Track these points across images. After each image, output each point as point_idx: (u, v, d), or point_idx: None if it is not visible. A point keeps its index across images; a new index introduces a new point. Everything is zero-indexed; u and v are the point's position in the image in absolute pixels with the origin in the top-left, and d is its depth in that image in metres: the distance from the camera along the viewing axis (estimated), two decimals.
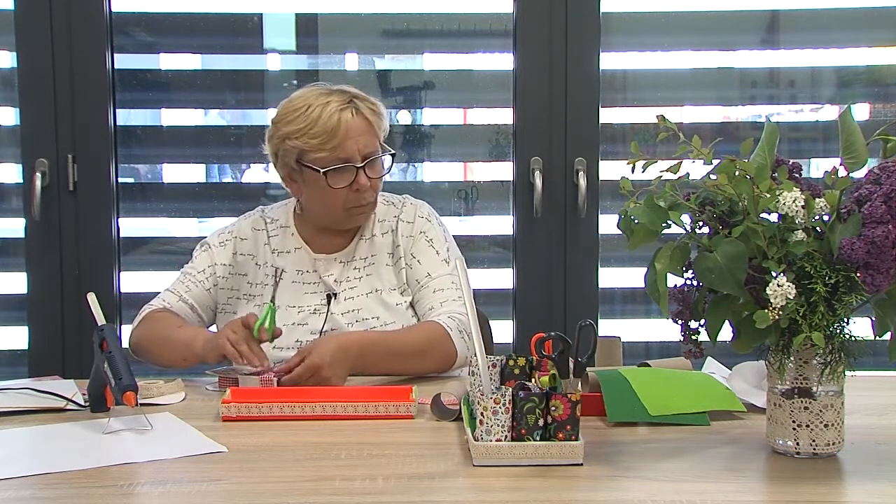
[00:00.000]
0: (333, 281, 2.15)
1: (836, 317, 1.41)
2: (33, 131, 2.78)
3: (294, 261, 2.18)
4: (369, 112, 2.08)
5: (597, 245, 2.86)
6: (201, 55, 3.00)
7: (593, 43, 2.82)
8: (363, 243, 2.18)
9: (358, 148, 2.06)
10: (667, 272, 1.46)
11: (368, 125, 2.07)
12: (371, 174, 2.08)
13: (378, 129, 2.10)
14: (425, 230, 2.19)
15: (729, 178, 1.42)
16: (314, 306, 2.13)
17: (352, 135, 2.05)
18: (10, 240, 2.91)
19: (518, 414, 1.46)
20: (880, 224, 1.35)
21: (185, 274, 2.21)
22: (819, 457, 1.47)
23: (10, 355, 2.94)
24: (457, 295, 2.13)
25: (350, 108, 2.06)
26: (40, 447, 1.61)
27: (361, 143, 2.06)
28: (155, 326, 2.12)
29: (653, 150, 1.54)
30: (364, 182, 2.06)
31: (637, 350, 2.89)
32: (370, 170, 2.08)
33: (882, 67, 2.99)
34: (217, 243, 2.22)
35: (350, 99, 2.08)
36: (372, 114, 2.09)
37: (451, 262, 2.17)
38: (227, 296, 2.20)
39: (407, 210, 2.21)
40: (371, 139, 2.08)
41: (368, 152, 2.07)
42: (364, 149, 2.07)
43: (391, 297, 2.14)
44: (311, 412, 1.71)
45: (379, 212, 2.21)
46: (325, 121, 2.04)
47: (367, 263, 2.17)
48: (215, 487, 1.39)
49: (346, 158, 2.05)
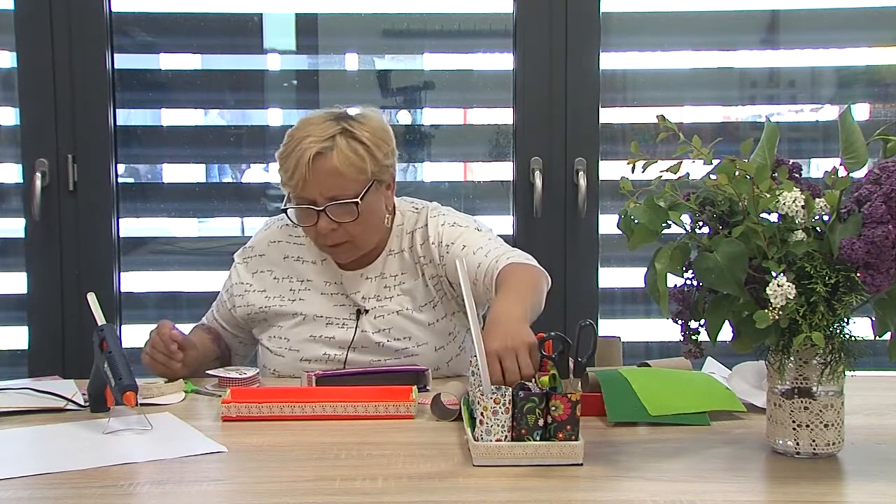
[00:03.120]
0: (361, 298, 2.09)
1: (836, 317, 1.41)
2: (33, 131, 2.78)
3: (321, 272, 2.13)
4: (347, 152, 1.96)
5: (597, 245, 2.86)
6: (201, 55, 2.99)
7: (593, 43, 2.81)
8: (392, 259, 2.12)
9: (321, 191, 1.96)
10: (667, 272, 1.46)
11: (336, 169, 1.95)
12: (337, 217, 1.97)
13: (351, 172, 1.97)
14: (442, 223, 2.11)
15: (729, 178, 1.42)
16: (342, 320, 2.09)
17: (313, 178, 1.96)
18: (10, 240, 2.90)
19: (518, 414, 1.46)
20: (880, 224, 1.35)
21: (224, 292, 2.23)
22: (819, 457, 1.47)
23: (10, 355, 2.93)
24: (499, 243, 2.07)
25: (321, 149, 1.96)
26: (40, 447, 1.61)
27: (325, 187, 1.96)
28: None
29: (653, 150, 1.54)
30: (323, 225, 1.98)
31: (637, 350, 2.89)
32: (336, 213, 1.97)
33: (882, 67, 2.98)
34: (240, 260, 2.20)
35: (334, 135, 1.98)
36: (350, 154, 1.97)
37: (482, 228, 2.13)
38: (251, 311, 2.15)
39: (421, 216, 2.14)
40: (337, 181, 1.96)
41: (333, 196, 1.97)
42: (328, 192, 1.96)
43: (422, 314, 2.09)
44: (310, 412, 1.71)
45: (407, 222, 2.14)
46: (293, 158, 1.97)
47: (397, 283, 2.10)
48: (215, 487, 1.39)
49: (308, 200, 1.98)
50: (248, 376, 1.95)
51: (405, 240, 2.13)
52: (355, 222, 1.99)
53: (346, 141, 1.98)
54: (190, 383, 1.95)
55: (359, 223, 2.00)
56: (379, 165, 2.02)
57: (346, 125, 2.00)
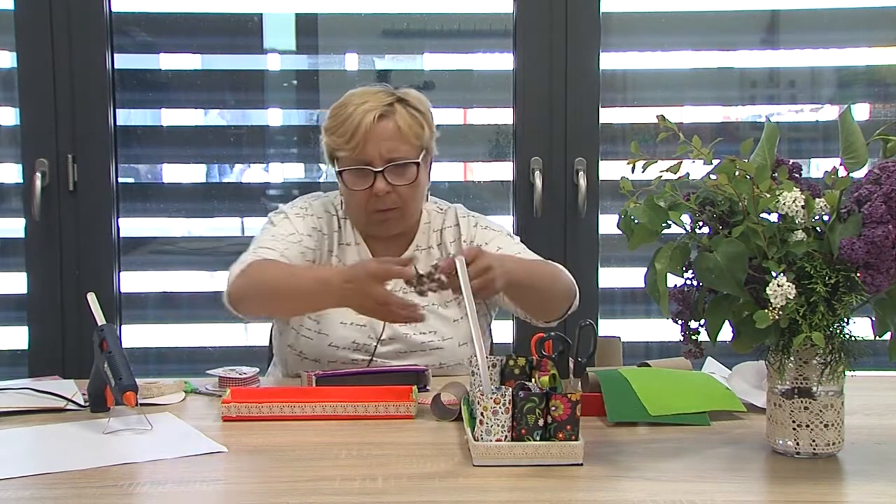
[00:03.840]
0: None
1: (836, 317, 1.41)
2: (33, 131, 2.78)
3: (355, 256, 2.12)
4: (406, 117, 2.03)
5: (597, 245, 2.86)
6: (201, 55, 3.00)
7: (593, 43, 2.81)
8: (420, 254, 2.13)
9: (380, 152, 2.00)
10: (667, 272, 1.46)
11: (398, 130, 2.01)
12: (393, 180, 2.01)
13: (411, 135, 2.03)
14: (475, 224, 2.16)
15: (729, 178, 1.42)
16: None
17: (373, 138, 2.00)
18: (10, 240, 2.91)
19: (518, 414, 1.46)
20: (880, 224, 1.35)
21: (273, 237, 2.05)
22: (819, 457, 1.47)
23: (10, 355, 2.93)
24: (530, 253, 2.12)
25: (384, 111, 2.01)
26: (40, 447, 1.61)
27: (384, 148, 2.00)
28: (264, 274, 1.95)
29: (653, 150, 1.54)
30: (381, 187, 2.00)
31: (637, 350, 2.89)
32: (392, 176, 2.01)
33: (882, 67, 2.99)
34: (294, 214, 2.11)
35: (391, 102, 2.03)
36: (409, 119, 2.03)
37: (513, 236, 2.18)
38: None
39: (448, 217, 2.17)
40: (397, 144, 2.01)
41: (392, 157, 2.01)
42: (387, 153, 2.00)
43: (448, 310, 2.10)
44: (311, 412, 1.71)
45: (434, 221, 2.17)
46: (352, 121, 2.00)
47: None
48: (215, 487, 1.39)
49: (365, 161, 2.01)
50: (248, 376, 1.95)
51: (433, 237, 2.16)
52: (410, 186, 2.03)
53: (403, 108, 2.04)
54: (190, 383, 1.95)
55: (412, 188, 2.04)
56: (431, 135, 2.09)
57: (400, 95, 2.07)
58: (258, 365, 2.13)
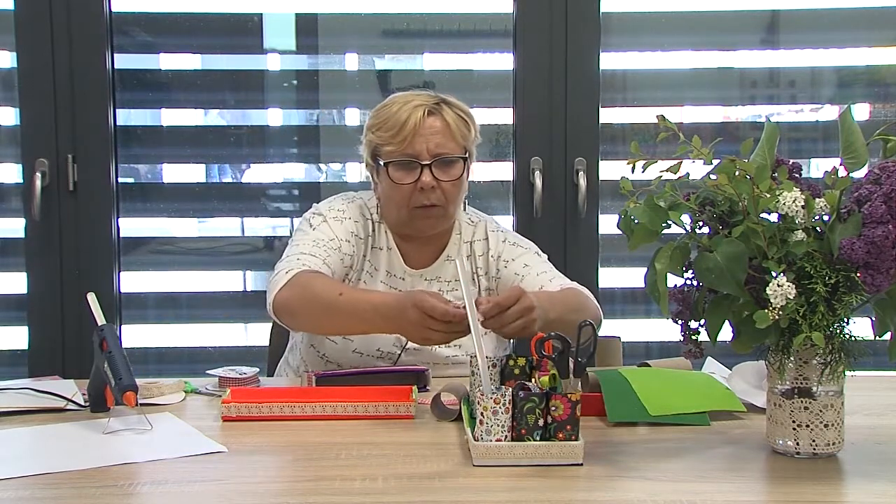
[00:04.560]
0: None
1: (836, 317, 1.41)
2: (33, 131, 2.78)
3: (386, 261, 2.13)
4: (453, 116, 2.05)
5: (597, 245, 2.86)
6: (201, 55, 3.00)
7: (593, 43, 2.82)
8: (449, 265, 2.14)
9: (428, 147, 2.02)
10: (667, 272, 1.46)
11: (446, 127, 2.04)
12: (439, 175, 2.02)
13: (458, 133, 2.05)
14: (504, 239, 2.18)
15: (729, 178, 1.42)
16: None
17: (422, 132, 2.02)
18: (10, 240, 2.91)
19: (518, 414, 1.46)
20: (880, 224, 1.35)
21: (315, 242, 2.06)
22: (819, 457, 1.47)
23: (10, 355, 2.94)
24: (559, 274, 2.14)
25: (432, 108, 2.04)
26: (40, 447, 1.61)
27: (433, 143, 2.02)
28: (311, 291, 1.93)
29: (653, 150, 1.54)
30: (427, 180, 2.01)
31: (637, 350, 2.89)
32: (439, 171, 2.03)
33: (882, 67, 2.99)
34: (332, 217, 2.11)
35: (437, 102, 2.06)
36: (456, 118, 2.05)
37: (541, 254, 2.19)
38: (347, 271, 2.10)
39: (479, 229, 2.19)
40: (445, 140, 2.04)
41: (439, 152, 2.03)
42: (435, 148, 2.02)
43: None
44: (311, 412, 1.71)
45: (465, 232, 2.18)
46: (400, 115, 2.03)
47: (451, 288, 2.12)
48: (215, 487, 1.39)
49: (413, 154, 2.02)
50: (248, 376, 1.95)
51: (463, 248, 2.17)
52: (454, 184, 2.05)
53: (449, 108, 2.07)
54: (190, 383, 1.95)
55: (455, 186, 2.05)
56: (474, 141, 2.11)
57: (444, 98, 2.10)
58: (258, 365, 2.13)
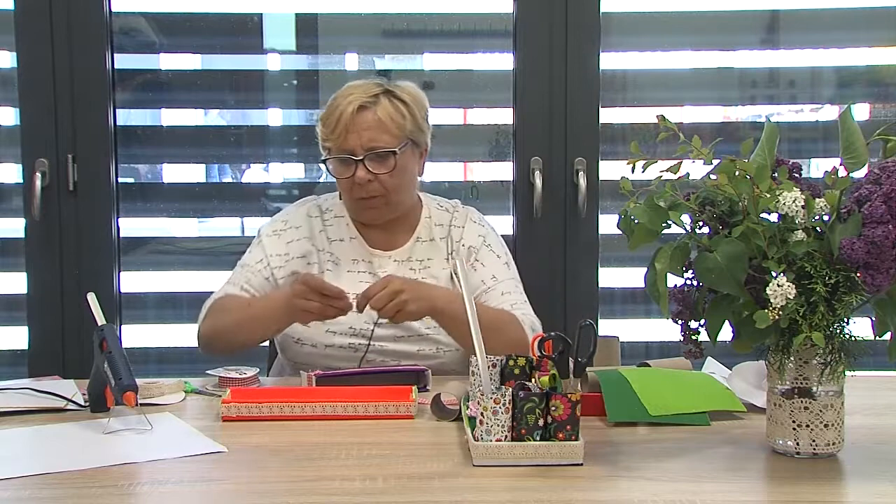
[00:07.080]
0: None
1: (836, 317, 1.41)
2: (33, 131, 2.78)
3: (349, 250, 2.20)
4: (388, 108, 2.10)
5: (597, 245, 2.86)
6: (201, 55, 3.00)
7: (593, 43, 2.81)
8: (420, 245, 2.22)
9: (361, 142, 2.08)
10: (667, 272, 1.46)
11: (378, 121, 2.09)
12: (374, 168, 2.09)
13: (392, 125, 2.10)
14: (483, 234, 2.24)
15: (729, 178, 1.42)
16: None
17: (354, 128, 2.08)
18: (10, 240, 2.90)
19: (518, 414, 1.46)
20: (880, 224, 1.35)
21: (242, 267, 2.22)
22: (819, 457, 1.47)
23: (10, 355, 2.93)
24: (523, 300, 2.17)
25: (365, 102, 2.09)
26: (40, 447, 1.61)
27: (365, 138, 2.08)
28: (224, 313, 2.12)
29: (653, 150, 1.54)
30: (362, 175, 2.09)
31: (637, 350, 2.89)
32: (373, 164, 2.09)
33: (882, 67, 2.98)
34: (270, 233, 2.23)
35: (377, 94, 2.11)
36: (391, 110, 2.10)
37: (511, 266, 2.23)
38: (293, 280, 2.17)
39: (459, 215, 2.25)
40: (378, 134, 2.09)
41: (371, 146, 2.08)
42: (367, 143, 2.08)
43: None
44: (311, 412, 1.71)
45: (434, 216, 2.25)
46: (336, 113, 2.09)
47: (423, 266, 2.19)
48: (215, 487, 1.39)
49: (348, 150, 2.09)
50: (248, 376, 1.96)
51: (436, 230, 2.24)
52: (390, 175, 2.10)
53: (387, 99, 2.12)
54: (190, 383, 1.95)
55: (394, 176, 2.11)
56: (416, 126, 2.15)
57: (388, 87, 2.15)
58: (258, 365, 2.13)
